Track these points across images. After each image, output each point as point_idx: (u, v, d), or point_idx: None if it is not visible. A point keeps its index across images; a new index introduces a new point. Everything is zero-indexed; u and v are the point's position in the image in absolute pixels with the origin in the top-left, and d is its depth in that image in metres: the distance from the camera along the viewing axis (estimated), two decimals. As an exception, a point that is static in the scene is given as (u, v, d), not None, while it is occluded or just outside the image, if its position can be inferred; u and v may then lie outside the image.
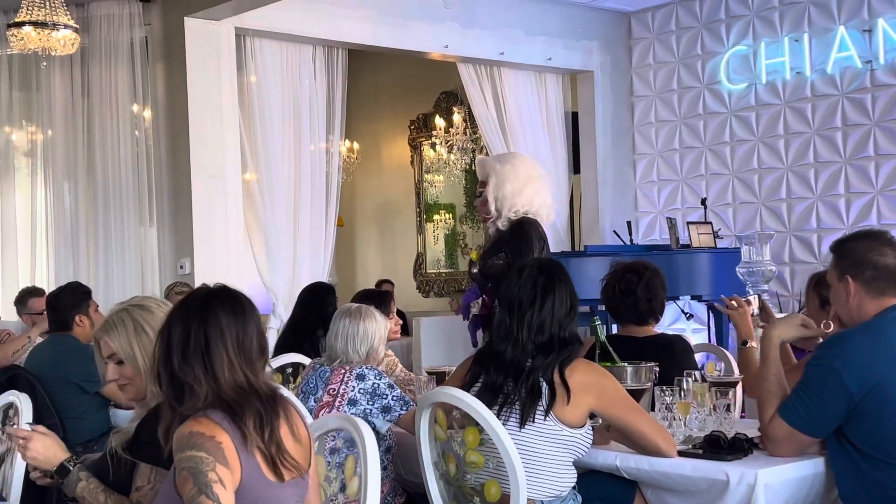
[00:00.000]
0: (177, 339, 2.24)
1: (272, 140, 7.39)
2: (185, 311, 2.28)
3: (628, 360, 3.47)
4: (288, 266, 7.42)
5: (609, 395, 3.06)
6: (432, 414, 3.16)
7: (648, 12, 9.09)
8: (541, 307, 3.08)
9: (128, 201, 7.13)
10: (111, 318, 2.67)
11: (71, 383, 4.83)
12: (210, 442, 2.11)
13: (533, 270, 3.14)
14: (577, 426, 3.03)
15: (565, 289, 3.13)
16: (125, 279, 7.12)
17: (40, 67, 7.12)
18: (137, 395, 2.67)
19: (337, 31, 7.53)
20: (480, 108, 8.60)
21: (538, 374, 3.02)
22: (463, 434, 3.04)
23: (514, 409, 3.03)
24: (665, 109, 9.05)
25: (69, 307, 4.99)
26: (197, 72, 6.91)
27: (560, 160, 9.01)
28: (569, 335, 3.10)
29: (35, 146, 7.40)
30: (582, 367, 3.08)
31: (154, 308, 2.70)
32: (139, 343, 2.62)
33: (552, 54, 8.69)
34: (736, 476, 2.83)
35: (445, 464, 3.14)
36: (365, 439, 2.46)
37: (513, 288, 3.14)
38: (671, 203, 9.02)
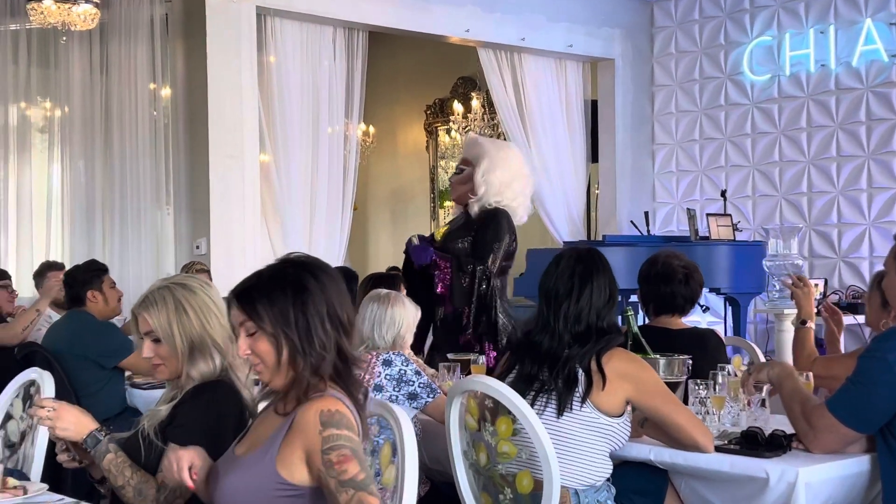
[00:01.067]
0: (324, 307, 2.15)
1: (290, 121, 7.33)
2: (315, 276, 2.18)
3: (661, 353, 3.41)
4: (303, 248, 7.35)
5: (646, 384, 3.00)
6: (463, 403, 3.10)
7: (671, 0, 9.00)
8: (578, 297, 3.02)
9: (145, 180, 7.07)
10: (152, 294, 2.61)
11: (88, 359, 4.80)
12: (355, 431, 2.08)
13: (571, 260, 3.08)
14: (614, 415, 2.98)
15: (604, 278, 3.07)
16: (140, 258, 7.07)
17: (59, 43, 7.05)
18: (171, 375, 2.62)
19: (358, 13, 7.46)
20: (500, 94, 8.53)
21: (575, 363, 2.97)
22: (495, 424, 2.99)
23: (551, 398, 2.98)
24: (686, 99, 8.97)
25: (82, 283, 4.97)
26: (217, 51, 6.84)
27: (578, 148, 8.94)
28: (607, 324, 3.04)
29: (52, 123, 7.34)
30: (619, 356, 3.02)
31: (196, 288, 2.64)
32: (179, 322, 2.56)
33: (573, 41, 8.61)
34: (776, 474, 2.77)
35: (475, 453, 3.09)
36: (402, 427, 2.40)
37: (550, 278, 3.08)
38: (690, 194, 8.95)
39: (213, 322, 2.61)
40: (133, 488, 2.42)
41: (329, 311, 2.15)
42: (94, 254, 6.92)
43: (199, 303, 2.62)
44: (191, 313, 2.58)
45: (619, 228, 8.85)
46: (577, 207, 8.95)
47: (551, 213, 8.72)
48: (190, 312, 2.58)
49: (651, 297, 3.82)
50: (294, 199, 7.36)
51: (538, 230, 9.26)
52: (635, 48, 9.06)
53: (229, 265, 6.75)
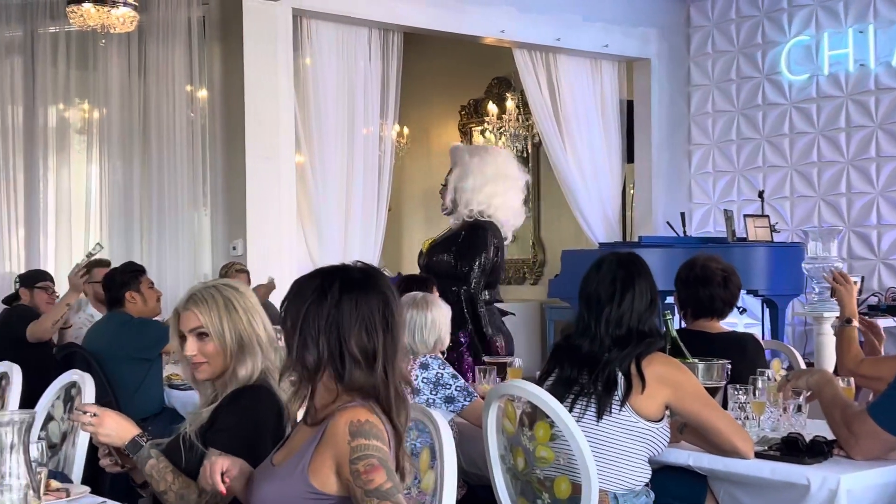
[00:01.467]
0: (359, 314, 2.10)
1: (326, 122, 7.36)
2: (357, 284, 2.14)
3: (699, 357, 3.38)
4: (339, 249, 7.39)
5: (686, 389, 2.98)
6: (501, 407, 3.09)
7: (708, 0, 8.93)
8: (619, 302, 3.01)
9: (182, 181, 7.12)
10: (199, 292, 2.62)
11: (128, 358, 4.83)
12: (385, 442, 2.06)
13: (612, 265, 3.07)
14: (653, 419, 2.96)
15: (645, 283, 3.05)
16: (178, 259, 7.11)
17: (98, 45, 7.12)
18: (212, 375, 2.62)
19: (393, 14, 7.48)
20: (535, 94, 8.51)
21: (614, 366, 2.95)
22: (533, 428, 2.98)
23: (591, 402, 2.96)
24: (723, 99, 8.90)
25: (120, 285, 5.02)
26: (253, 53, 6.88)
27: (614, 149, 8.91)
28: (648, 328, 3.02)
29: (90, 124, 7.40)
30: (659, 360, 3.01)
31: (243, 289, 2.66)
32: (229, 319, 2.57)
33: (609, 41, 8.57)
34: (818, 481, 2.74)
35: (513, 458, 3.08)
36: (441, 432, 2.40)
37: (591, 283, 3.07)
38: (727, 195, 8.88)
39: (258, 322, 2.63)
40: (175, 493, 2.43)
41: (336, 332, 2.11)
42: (132, 254, 6.98)
43: (247, 302, 2.64)
44: (240, 311, 2.60)
45: (654, 229, 8.80)
46: (613, 208, 8.92)
47: (586, 214, 8.69)
48: (239, 310, 2.60)
49: (689, 300, 3.79)
50: (329, 200, 7.38)
51: (572, 230, 9.25)
52: (671, 48, 9.01)
53: (265, 266, 6.79)
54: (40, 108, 7.30)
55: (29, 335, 5.40)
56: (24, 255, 7.22)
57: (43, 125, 7.31)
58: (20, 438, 1.96)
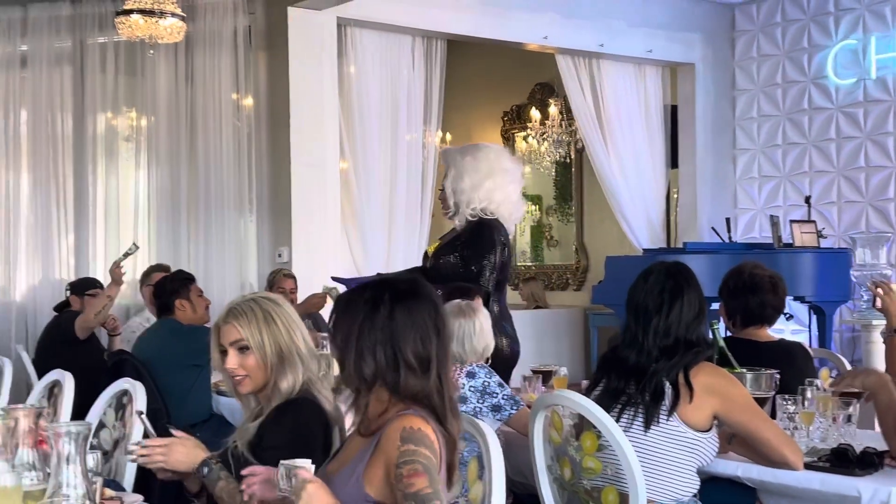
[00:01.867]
0: (413, 323, 2.14)
1: (369, 129, 7.40)
2: (410, 295, 2.18)
3: (748, 367, 3.36)
4: (382, 255, 7.43)
5: (734, 399, 2.97)
6: (548, 416, 3.10)
7: (753, 4, 8.88)
8: (668, 313, 3.00)
9: (228, 189, 7.18)
10: (238, 306, 2.64)
11: (178, 365, 4.88)
12: (433, 448, 2.07)
13: (660, 276, 3.06)
14: (701, 429, 2.95)
15: (694, 292, 3.04)
16: (224, 266, 7.17)
17: (146, 55, 7.20)
18: (255, 388, 2.64)
19: (437, 22, 7.50)
20: (578, 100, 8.50)
21: (661, 376, 2.94)
22: (580, 439, 2.98)
23: (638, 412, 2.96)
24: (768, 104, 8.83)
25: (170, 292, 5.08)
26: (298, 61, 6.94)
27: (657, 154, 8.87)
28: (696, 338, 3.01)
29: (138, 132, 7.49)
30: (707, 370, 2.99)
31: (281, 301, 2.69)
32: (269, 332, 2.60)
33: (653, 46, 8.54)
34: (868, 492, 2.71)
35: (560, 468, 3.08)
36: (489, 443, 2.41)
37: (639, 293, 3.06)
38: (772, 200, 8.80)
39: (297, 335, 2.65)
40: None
41: (391, 341, 2.13)
42: (179, 261, 7.06)
43: (286, 315, 2.66)
44: (280, 324, 2.62)
45: (699, 235, 8.75)
46: (657, 213, 8.88)
47: (630, 219, 8.66)
48: (279, 322, 2.62)
49: (738, 309, 3.76)
50: (373, 207, 7.42)
51: (616, 236, 9.21)
52: (716, 52, 8.95)
53: (310, 273, 6.83)
54: (89, 116, 7.39)
55: (77, 330, 5.54)
56: (74, 262, 7.32)
57: (92, 133, 7.40)
58: (77, 449, 1.99)
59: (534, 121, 9.95)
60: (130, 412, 3.44)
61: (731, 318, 3.78)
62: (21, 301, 7.35)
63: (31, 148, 7.42)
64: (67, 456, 1.99)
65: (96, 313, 5.55)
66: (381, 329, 2.13)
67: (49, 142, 7.37)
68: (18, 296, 7.38)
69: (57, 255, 7.33)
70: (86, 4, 7.29)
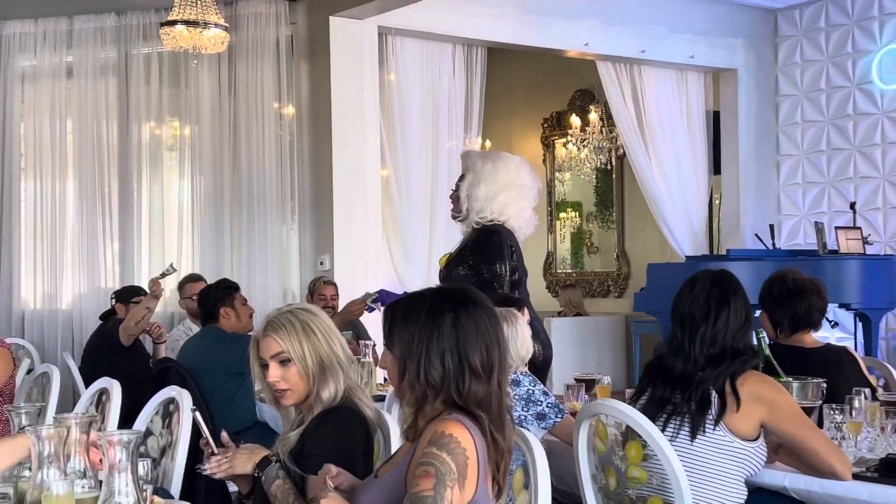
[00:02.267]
0: (477, 330, 2.14)
1: (410, 137, 7.43)
2: (470, 302, 2.17)
3: (794, 375, 3.33)
4: (423, 263, 7.45)
5: (782, 408, 2.94)
6: (592, 425, 3.09)
7: (796, 9, 8.80)
8: (714, 321, 2.98)
9: (270, 197, 7.22)
10: (276, 319, 2.66)
11: (222, 373, 4.91)
12: (462, 456, 2.06)
13: (706, 284, 3.04)
14: (748, 439, 2.92)
15: (740, 301, 3.02)
16: (266, 274, 7.21)
17: (189, 65, 7.28)
18: (297, 400, 2.66)
19: (477, 30, 7.52)
20: (619, 106, 8.48)
21: (708, 384, 2.92)
22: (625, 448, 2.96)
23: (685, 421, 2.94)
24: (812, 109, 8.75)
25: (215, 301, 5.11)
26: (340, 70, 6.98)
27: (700, 160, 8.83)
28: (742, 346, 2.99)
29: (182, 141, 7.57)
30: (754, 378, 2.97)
31: (317, 311, 2.71)
32: (309, 343, 2.62)
33: (695, 52, 8.49)
34: (919, 504, 2.68)
35: (605, 477, 3.07)
36: (535, 454, 2.41)
37: (685, 302, 3.04)
38: (817, 206, 8.72)
39: (336, 343, 2.67)
40: None
41: (457, 348, 2.14)
42: (222, 269, 7.12)
43: (323, 325, 2.68)
44: (318, 334, 2.64)
45: (742, 242, 8.69)
46: (699, 220, 8.83)
47: (672, 226, 8.62)
48: (318, 332, 2.64)
49: (785, 315, 3.73)
50: (414, 214, 7.45)
51: (657, 243, 9.17)
52: (759, 58, 8.89)
53: (352, 281, 6.86)
54: (134, 125, 7.48)
55: (121, 337, 5.62)
56: (119, 270, 7.40)
57: (136, 142, 7.49)
58: (128, 457, 2.02)
59: (574, 127, 9.94)
60: (177, 419, 3.47)
61: (777, 325, 3.75)
62: (67, 309, 7.46)
63: (76, 157, 7.53)
64: (119, 464, 2.02)
65: (136, 322, 5.62)
66: (447, 336, 2.14)
67: (94, 151, 7.47)
68: (65, 304, 7.49)
69: (102, 264, 7.42)
70: (131, 16, 7.39)
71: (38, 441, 2.16)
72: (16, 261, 7.49)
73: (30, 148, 7.62)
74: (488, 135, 10.03)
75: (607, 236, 10.48)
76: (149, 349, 6.20)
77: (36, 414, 2.55)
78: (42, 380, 4.56)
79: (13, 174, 7.54)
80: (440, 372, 2.13)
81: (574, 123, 9.94)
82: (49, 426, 2.21)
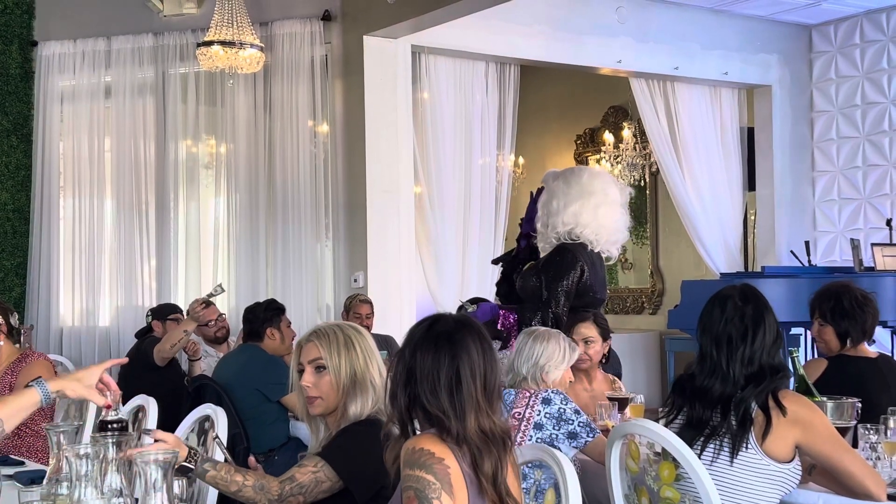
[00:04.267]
0: (426, 369, 2.16)
1: (443, 154, 7.46)
2: (433, 338, 2.19)
3: (869, 383, 3.35)
4: (456, 279, 7.47)
5: (817, 430, 2.91)
6: (625, 445, 3.08)
7: (831, 25, 8.76)
8: (752, 341, 2.96)
9: (305, 215, 7.27)
10: (322, 328, 2.74)
11: (256, 391, 4.95)
12: (439, 465, 2.07)
13: (737, 301, 3.02)
14: (784, 460, 2.90)
15: (771, 317, 3.01)
16: (302, 291, 7.25)
17: (225, 84, 7.36)
18: (325, 411, 2.71)
19: (510, 48, 7.54)
20: (652, 123, 8.47)
21: (750, 402, 2.91)
22: (658, 468, 2.96)
23: (724, 443, 2.92)
24: (847, 125, 8.70)
25: (262, 320, 5.14)
26: (374, 88, 7.03)
27: (734, 176, 8.79)
28: (777, 363, 2.97)
29: (219, 160, 7.64)
30: (790, 398, 2.95)
31: (363, 332, 2.76)
32: (347, 356, 2.68)
33: (728, 68, 8.48)
34: (955, 526, 2.65)
35: (637, 497, 3.06)
36: (566, 474, 2.41)
37: (717, 322, 3.02)
38: (853, 223, 8.65)
39: (374, 365, 2.71)
40: (251, 487, 2.57)
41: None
42: (258, 285, 7.17)
43: (366, 344, 2.74)
44: (358, 350, 2.70)
45: (777, 259, 8.63)
46: (734, 236, 8.78)
47: (706, 243, 8.58)
48: (358, 349, 2.70)
49: (856, 326, 3.74)
50: (447, 231, 7.47)
51: (692, 259, 9.13)
52: (793, 74, 8.85)
53: (385, 298, 6.89)
54: (171, 143, 7.58)
55: (155, 358, 5.66)
56: (156, 286, 7.47)
57: (173, 160, 7.58)
58: (164, 476, 2.05)
59: (607, 144, 9.93)
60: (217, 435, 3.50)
61: (845, 336, 3.76)
62: (105, 326, 7.55)
63: (114, 175, 7.63)
64: (154, 483, 2.05)
65: (172, 345, 5.64)
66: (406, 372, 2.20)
67: (132, 169, 7.57)
68: (102, 321, 7.57)
69: (139, 280, 7.50)
70: (168, 36, 7.49)
71: (75, 460, 2.20)
72: (55, 278, 7.60)
73: (69, 166, 7.73)
74: (521, 152, 10.05)
75: (641, 253, 10.45)
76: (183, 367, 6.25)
77: (74, 432, 2.59)
78: (80, 396, 4.60)
79: (52, 192, 7.65)
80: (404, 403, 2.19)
81: (607, 140, 9.93)
82: (86, 444, 2.25)
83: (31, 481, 3.03)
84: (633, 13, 7.96)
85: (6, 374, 4.27)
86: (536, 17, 7.56)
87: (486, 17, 7.06)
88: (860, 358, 3.71)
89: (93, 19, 7.62)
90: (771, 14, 8.52)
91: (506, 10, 6.88)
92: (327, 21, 7.26)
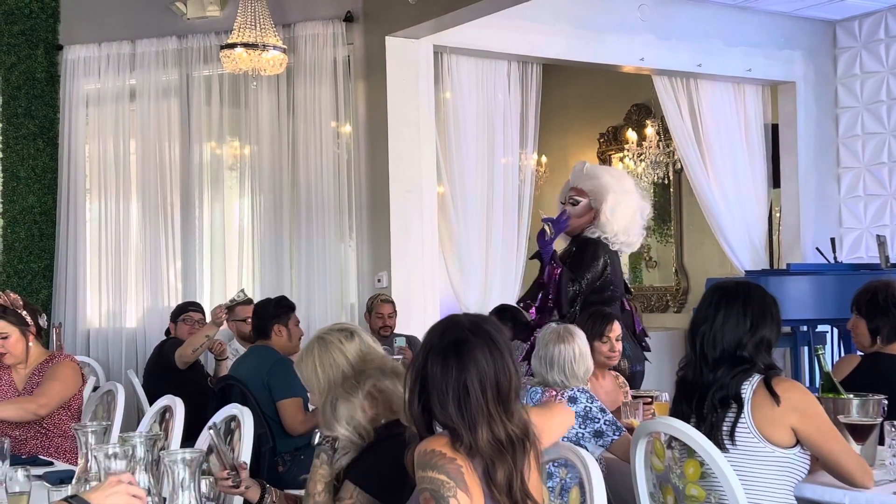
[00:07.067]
0: (435, 381, 2.15)
1: (465, 154, 7.46)
2: (443, 349, 2.18)
3: (886, 382, 3.35)
4: (480, 279, 7.47)
5: (813, 418, 2.94)
6: (650, 443, 3.09)
7: (855, 20, 8.70)
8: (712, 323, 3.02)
9: (328, 215, 7.29)
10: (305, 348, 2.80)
11: (268, 392, 4.95)
12: (451, 465, 2.08)
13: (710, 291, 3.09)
14: (786, 446, 2.91)
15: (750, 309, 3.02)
16: (326, 291, 7.27)
17: (249, 86, 7.39)
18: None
19: (532, 47, 7.54)
20: (675, 120, 8.44)
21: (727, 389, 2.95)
22: (682, 466, 2.96)
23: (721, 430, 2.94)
24: (872, 121, 8.64)
25: (270, 317, 5.16)
26: (396, 89, 7.05)
27: (758, 173, 8.74)
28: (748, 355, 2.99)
29: (243, 161, 7.68)
30: (784, 385, 2.96)
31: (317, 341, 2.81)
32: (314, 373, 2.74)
33: (752, 65, 8.43)
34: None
35: (663, 495, 3.06)
36: (591, 473, 2.41)
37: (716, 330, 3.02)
38: (879, 219, 8.59)
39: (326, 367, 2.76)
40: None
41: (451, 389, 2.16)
42: (282, 285, 7.19)
43: (312, 356, 2.83)
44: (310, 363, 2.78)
45: (803, 256, 8.58)
46: (759, 234, 8.74)
47: (731, 240, 8.54)
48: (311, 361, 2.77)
49: (888, 323, 3.75)
50: (470, 231, 7.47)
51: (716, 257, 9.09)
52: (818, 70, 8.80)
53: (408, 297, 6.91)
54: (195, 145, 7.61)
55: (177, 361, 5.70)
56: (181, 287, 7.52)
57: (198, 162, 7.61)
58: (192, 475, 2.07)
59: (630, 142, 9.90)
60: (239, 437, 3.52)
61: (876, 333, 3.76)
62: (132, 327, 7.60)
63: (140, 177, 7.68)
64: (182, 482, 2.07)
65: (194, 350, 5.68)
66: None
67: (157, 171, 7.62)
68: (129, 322, 7.62)
69: (165, 282, 7.55)
70: (191, 39, 7.54)
71: (104, 459, 2.22)
72: (81, 280, 7.65)
73: (94, 169, 7.78)
74: (544, 150, 10.04)
75: (666, 251, 10.41)
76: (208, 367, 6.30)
77: (102, 433, 2.62)
78: (107, 397, 4.65)
79: (78, 195, 7.71)
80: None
81: (630, 138, 9.90)
82: (115, 444, 2.27)
83: (60, 481, 3.07)
84: (656, 10, 7.94)
85: (34, 374, 4.31)
86: (558, 15, 7.56)
87: (508, 17, 7.06)
88: (894, 356, 3.70)
89: (117, 23, 7.68)
90: (794, 10, 8.48)
91: (527, 8, 6.87)
92: (349, 22, 7.28)
